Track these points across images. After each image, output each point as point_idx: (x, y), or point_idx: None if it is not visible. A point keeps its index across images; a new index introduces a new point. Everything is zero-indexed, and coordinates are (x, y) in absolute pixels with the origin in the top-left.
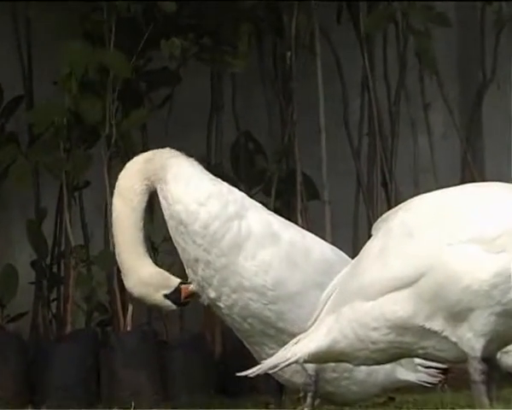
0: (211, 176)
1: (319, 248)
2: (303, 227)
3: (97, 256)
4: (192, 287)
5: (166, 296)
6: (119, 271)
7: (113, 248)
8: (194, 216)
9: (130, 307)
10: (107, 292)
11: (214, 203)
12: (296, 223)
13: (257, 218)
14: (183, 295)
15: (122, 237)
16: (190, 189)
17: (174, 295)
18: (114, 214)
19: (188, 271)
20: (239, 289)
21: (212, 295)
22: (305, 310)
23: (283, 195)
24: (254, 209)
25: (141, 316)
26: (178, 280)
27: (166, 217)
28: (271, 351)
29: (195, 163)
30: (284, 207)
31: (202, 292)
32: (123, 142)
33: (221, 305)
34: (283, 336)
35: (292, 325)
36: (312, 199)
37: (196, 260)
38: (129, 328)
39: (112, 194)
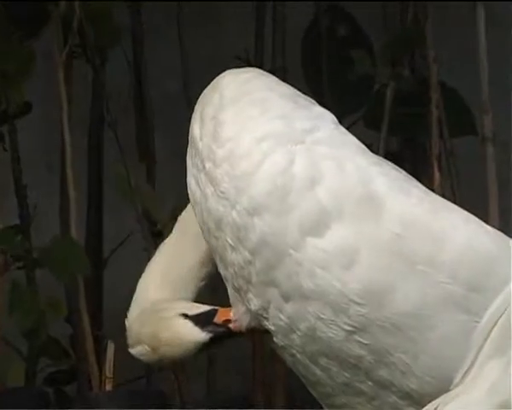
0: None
1: (464, 231)
2: (440, 191)
3: (47, 249)
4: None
5: (190, 318)
6: (88, 279)
7: (78, 233)
8: (211, 125)
9: (111, 347)
10: (67, 320)
11: (252, 100)
12: (429, 181)
13: (340, 159)
14: (219, 316)
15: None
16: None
17: (206, 319)
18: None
19: (216, 259)
20: (294, 292)
21: (254, 304)
22: (432, 350)
23: (405, 126)
24: (341, 145)
25: (131, 365)
26: (212, 307)
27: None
28: None
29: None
30: (407, 150)
31: (239, 302)
32: (94, 27)
33: (271, 327)
34: (389, 396)
35: (405, 377)
36: (462, 134)
37: (218, 226)
38: (109, 387)
39: (71, 128)
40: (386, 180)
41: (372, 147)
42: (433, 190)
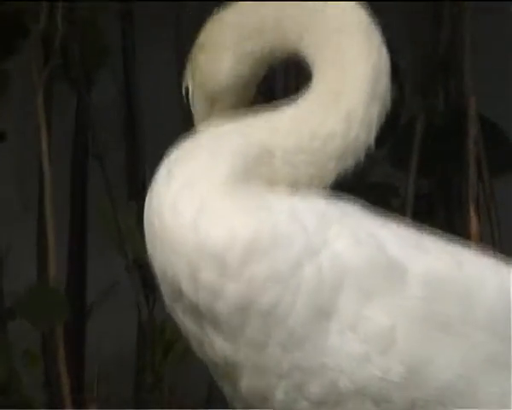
0: None
1: (494, 281)
2: (479, 240)
3: (21, 297)
4: None
5: None
6: (68, 334)
7: (58, 281)
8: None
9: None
10: (45, 383)
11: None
12: (466, 229)
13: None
14: None
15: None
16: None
17: None
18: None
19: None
20: (331, 393)
21: (278, 401)
22: None
23: (438, 166)
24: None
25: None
26: None
27: None
28: None
29: None
30: (439, 193)
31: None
32: (79, 44)
33: None
34: None
35: None
36: (504, 175)
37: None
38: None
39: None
40: (399, 241)
41: (399, 190)
42: (470, 240)
